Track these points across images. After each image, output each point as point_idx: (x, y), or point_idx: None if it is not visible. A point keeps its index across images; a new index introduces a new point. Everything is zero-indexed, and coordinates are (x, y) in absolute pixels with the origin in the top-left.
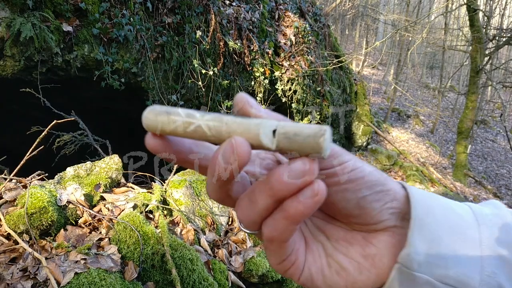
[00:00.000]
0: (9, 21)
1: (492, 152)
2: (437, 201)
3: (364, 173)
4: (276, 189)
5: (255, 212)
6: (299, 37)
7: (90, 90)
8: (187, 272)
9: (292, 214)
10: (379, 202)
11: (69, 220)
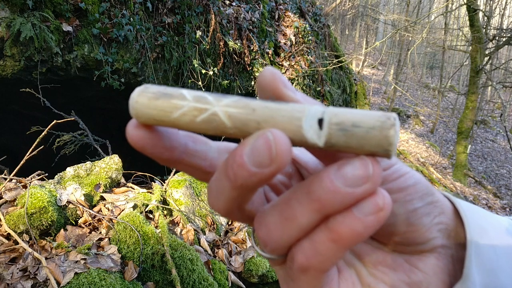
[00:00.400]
0: (9, 21)
1: (492, 152)
2: (486, 217)
3: (414, 179)
4: (325, 201)
5: (290, 232)
6: (299, 37)
7: (90, 90)
8: (187, 272)
9: (345, 235)
10: (429, 216)
11: (69, 220)
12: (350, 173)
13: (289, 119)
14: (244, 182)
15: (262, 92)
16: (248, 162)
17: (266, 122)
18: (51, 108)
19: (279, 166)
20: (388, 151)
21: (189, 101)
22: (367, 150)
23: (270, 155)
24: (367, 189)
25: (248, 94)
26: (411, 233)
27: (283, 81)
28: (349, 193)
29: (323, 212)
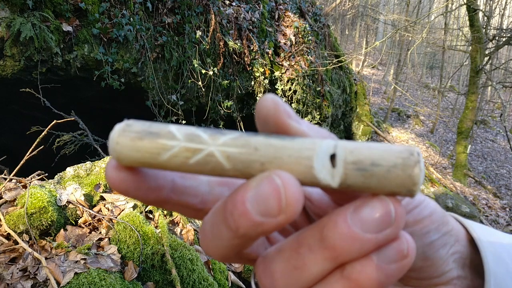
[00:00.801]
0: (9, 21)
1: (492, 152)
2: (501, 242)
3: (430, 209)
4: (341, 249)
5: (300, 282)
6: (299, 37)
7: (90, 90)
8: (187, 272)
9: (365, 286)
10: (445, 247)
11: (69, 220)
12: (370, 216)
13: (297, 159)
14: (247, 232)
15: (263, 124)
16: (252, 210)
17: (271, 163)
18: (51, 108)
19: (290, 217)
20: (412, 191)
21: (180, 140)
22: (388, 190)
23: (279, 204)
24: (389, 235)
25: (248, 94)
26: (427, 268)
27: (287, 110)
28: (369, 240)
29: (338, 261)
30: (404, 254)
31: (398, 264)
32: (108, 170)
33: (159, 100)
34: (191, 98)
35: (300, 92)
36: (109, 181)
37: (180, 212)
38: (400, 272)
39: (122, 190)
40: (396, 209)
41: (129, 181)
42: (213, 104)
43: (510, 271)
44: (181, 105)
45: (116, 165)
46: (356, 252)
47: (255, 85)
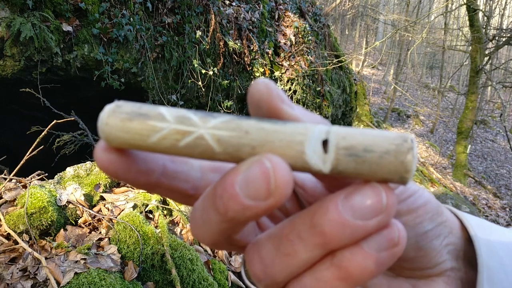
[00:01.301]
0: (9, 21)
1: (492, 152)
2: (495, 235)
3: (424, 199)
4: (331, 236)
5: (290, 268)
6: (299, 37)
7: (90, 90)
8: (187, 272)
9: (354, 274)
10: (439, 238)
11: (69, 220)
12: (361, 203)
13: (289, 143)
14: (236, 215)
15: (255, 108)
16: (241, 193)
17: (262, 146)
18: (51, 108)
19: (278, 200)
20: (404, 178)
21: (170, 122)
22: (380, 177)
23: (267, 187)
24: (380, 222)
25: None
26: (421, 258)
27: (280, 95)
28: (359, 227)
29: (328, 248)
30: (395, 242)
31: (389, 252)
32: (97, 151)
33: (159, 100)
34: (191, 98)
35: (300, 92)
36: (98, 162)
37: (171, 198)
38: (391, 260)
39: (111, 172)
40: (388, 197)
41: (119, 163)
42: (213, 104)
43: (503, 264)
44: (181, 105)
45: (106, 146)
46: (346, 239)
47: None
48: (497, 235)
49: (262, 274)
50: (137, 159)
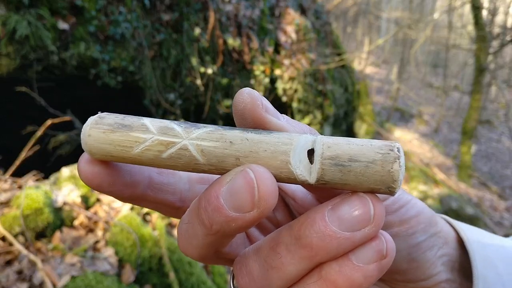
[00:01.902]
0: (5, 18)
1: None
2: (491, 245)
3: (417, 209)
4: (318, 248)
5: (278, 282)
6: (300, 35)
7: (86, 89)
8: (186, 275)
9: (342, 286)
10: (433, 249)
11: (65, 222)
12: (348, 214)
13: (273, 154)
14: (221, 228)
15: (240, 119)
16: (225, 205)
17: (246, 157)
18: (47, 107)
19: (263, 211)
20: (391, 188)
21: (153, 133)
22: (367, 187)
23: (252, 199)
24: (367, 233)
25: None
26: (413, 270)
27: (265, 104)
28: (346, 238)
29: (315, 260)
30: (383, 254)
31: (377, 265)
32: (80, 163)
33: (156, 99)
34: (189, 97)
35: (301, 91)
36: (81, 175)
37: (158, 210)
38: (379, 272)
39: (95, 185)
40: (375, 208)
41: (103, 175)
42: (212, 103)
43: (499, 274)
44: (179, 104)
45: (89, 159)
46: (333, 251)
47: (255, 83)
48: (493, 245)
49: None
50: (122, 172)
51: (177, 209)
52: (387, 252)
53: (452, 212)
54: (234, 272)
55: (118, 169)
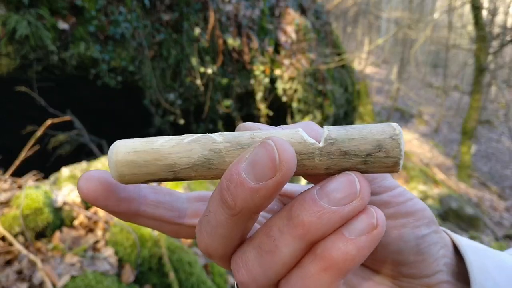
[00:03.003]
0: (5, 18)
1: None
2: (488, 256)
3: (421, 205)
4: (310, 224)
5: (274, 267)
6: (300, 35)
7: (86, 89)
8: (185, 275)
9: (338, 261)
10: (436, 245)
11: (65, 222)
12: (335, 190)
13: (286, 133)
14: (246, 204)
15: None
16: (248, 178)
17: (260, 132)
18: (47, 107)
19: (285, 175)
20: (395, 136)
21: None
22: (372, 140)
23: (273, 164)
24: (355, 207)
25: (247, 93)
26: (419, 264)
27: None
28: (335, 212)
29: (308, 238)
30: (373, 225)
31: (369, 236)
32: (80, 181)
33: (156, 99)
34: (189, 97)
35: (301, 91)
36: (79, 190)
37: (159, 229)
38: (372, 243)
39: (91, 199)
40: (361, 182)
41: (99, 190)
42: (212, 103)
43: (497, 284)
44: (179, 104)
45: (88, 176)
46: (325, 226)
47: (255, 83)
48: (489, 256)
49: (248, 279)
50: (117, 188)
51: (178, 226)
52: (377, 222)
53: (452, 212)
54: (232, 268)
55: (113, 185)
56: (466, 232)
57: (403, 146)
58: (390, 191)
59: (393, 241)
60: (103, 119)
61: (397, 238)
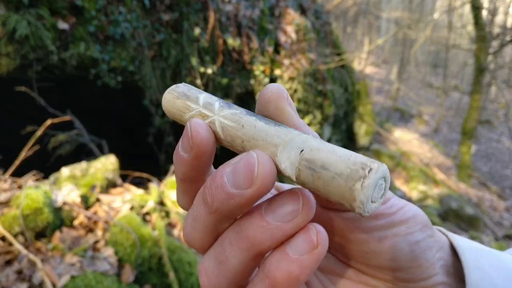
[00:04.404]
0: (4, 18)
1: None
2: (485, 256)
3: (413, 212)
4: (254, 238)
5: (227, 276)
6: (300, 34)
7: (86, 89)
8: (185, 275)
9: (281, 280)
10: (431, 250)
11: (65, 222)
12: (280, 205)
13: (267, 143)
14: (221, 206)
15: (263, 107)
16: (227, 183)
17: (248, 141)
18: (47, 107)
19: (260, 189)
20: (352, 207)
21: (199, 106)
22: (334, 199)
23: (251, 176)
24: (297, 224)
25: (247, 93)
26: (415, 269)
27: (289, 99)
28: (278, 228)
29: (253, 251)
30: (314, 244)
31: (311, 255)
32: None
33: (156, 99)
34: None
35: (301, 91)
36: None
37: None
38: (314, 262)
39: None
40: (304, 200)
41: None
42: None
43: (495, 285)
44: None
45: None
46: (269, 241)
47: (255, 83)
48: (487, 256)
49: (209, 286)
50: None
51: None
52: (317, 241)
53: (452, 212)
54: (198, 274)
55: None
56: (466, 232)
57: (367, 203)
58: (384, 202)
59: (387, 250)
60: (103, 119)
61: (390, 247)
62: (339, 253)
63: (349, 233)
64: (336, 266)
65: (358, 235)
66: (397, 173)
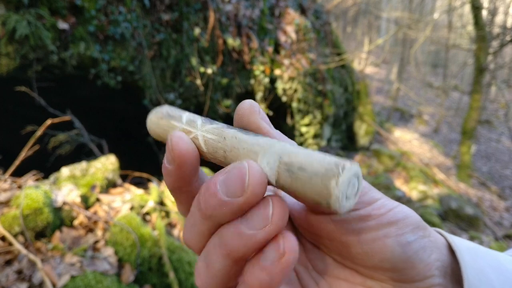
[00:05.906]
0: (4, 18)
1: (496, 152)
2: (483, 257)
3: (404, 213)
4: (231, 245)
5: (214, 280)
6: (300, 34)
7: (86, 89)
8: (185, 275)
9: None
10: (426, 251)
11: (65, 222)
12: (253, 214)
13: (247, 152)
14: (214, 212)
15: (238, 121)
16: (220, 190)
17: (230, 151)
18: (46, 107)
19: (251, 197)
20: (329, 204)
21: (183, 123)
22: (312, 199)
23: (242, 185)
24: (268, 232)
25: (247, 93)
26: (409, 270)
27: (262, 113)
28: (251, 236)
29: (232, 257)
30: (281, 252)
31: (279, 263)
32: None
33: (156, 99)
34: (189, 96)
35: (301, 91)
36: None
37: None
38: (283, 270)
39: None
40: (275, 208)
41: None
42: (211, 102)
43: (492, 286)
44: (179, 104)
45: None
46: (244, 249)
47: (255, 83)
48: (486, 258)
49: (200, 285)
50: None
51: None
52: (284, 250)
53: (451, 212)
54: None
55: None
56: (466, 232)
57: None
58: (369, 206)
59: (379, 251)
60: (103, 119)
61: (381, 248)
62: (335, 255)
63: (340, 236)
64: (333, 267)
65: (349, 238)
66: (397, 173)
